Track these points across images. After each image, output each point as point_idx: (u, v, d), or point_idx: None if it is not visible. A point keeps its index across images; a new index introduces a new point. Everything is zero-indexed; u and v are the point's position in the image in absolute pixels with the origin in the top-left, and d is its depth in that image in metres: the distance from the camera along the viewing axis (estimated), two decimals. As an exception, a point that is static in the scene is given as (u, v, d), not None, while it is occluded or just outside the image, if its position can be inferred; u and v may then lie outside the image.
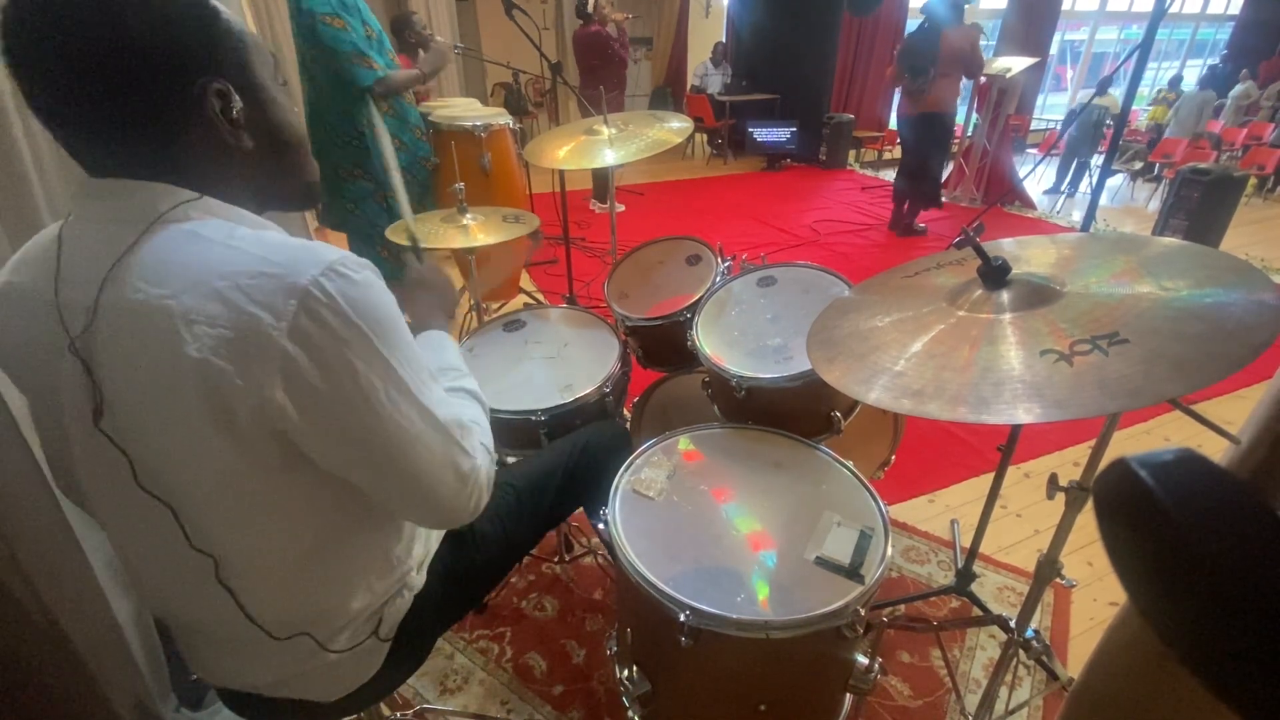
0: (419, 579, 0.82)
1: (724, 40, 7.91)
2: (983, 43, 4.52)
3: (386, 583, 0.77)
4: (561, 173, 2.18)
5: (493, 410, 1.24)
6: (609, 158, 1.65)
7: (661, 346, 1.50)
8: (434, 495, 0.66)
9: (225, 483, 0.59)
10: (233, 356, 0.52)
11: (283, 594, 0.68)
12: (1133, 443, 2.34)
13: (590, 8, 4.75)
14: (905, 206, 4.75)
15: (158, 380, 0.54)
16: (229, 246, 0.55)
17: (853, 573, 0.87)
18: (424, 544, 0.84)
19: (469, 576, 0.92)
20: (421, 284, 0.99)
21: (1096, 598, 1.65)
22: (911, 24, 7.67)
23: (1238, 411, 2.45)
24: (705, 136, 7.66)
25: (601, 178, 5.12)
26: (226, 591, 0.64)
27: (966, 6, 4.19)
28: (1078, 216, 5.41)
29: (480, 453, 0.72)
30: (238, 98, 0.58)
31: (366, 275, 0.58)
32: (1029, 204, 5.63)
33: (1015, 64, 5.03)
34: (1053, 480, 1.01)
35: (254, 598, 0.66)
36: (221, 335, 0.52)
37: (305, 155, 0.69)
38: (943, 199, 4.87)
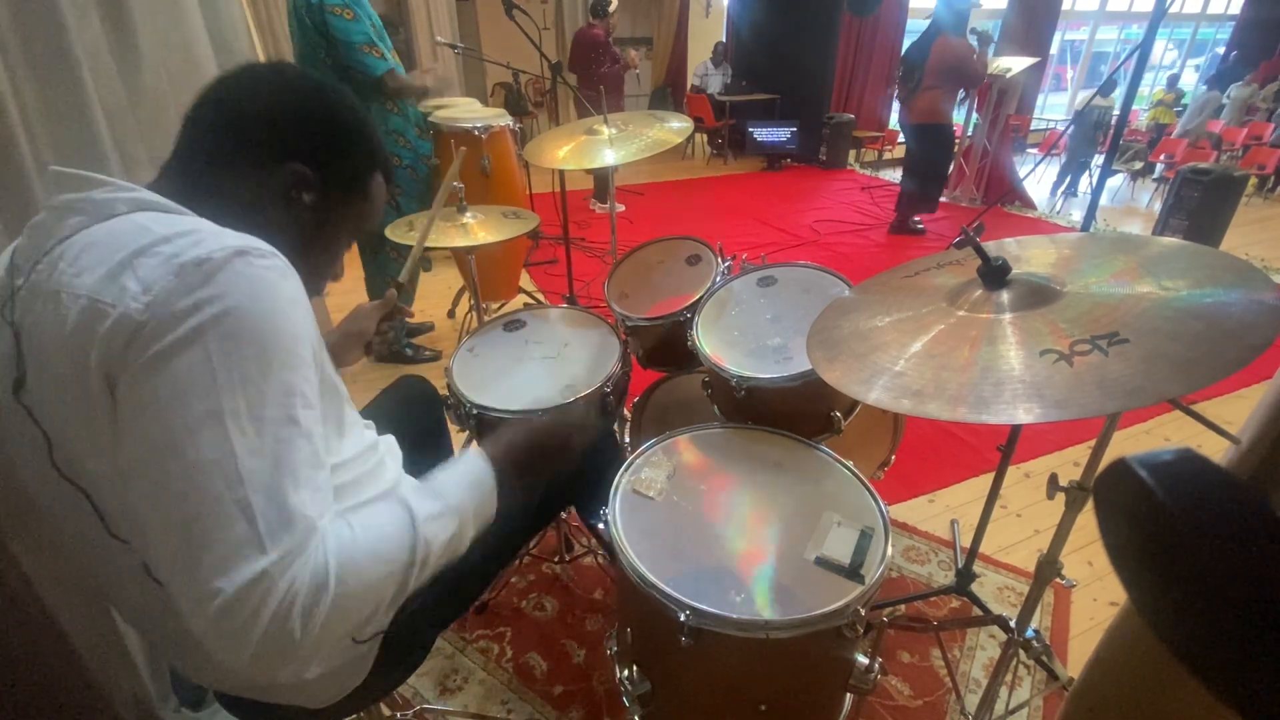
0: None
1: (724, 40, 7.91)
2: (990, 51, 4.48)
3: None
4: (561, 173, 2.18)
5: (493, 410, 1.25)
6: (609, 158, 1.65)
7: (662, 346, 1.50)
8: (185, 580, 0.48)
9: (125, 469, 0.51)
10: (98, 332, 0.49)
11: None
12: (1133, 443, 2.34)
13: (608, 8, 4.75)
14: (904, 208, 4.75)
15: (56, 357, 0.53)
16: (144, 228, 0.54)
17: (853, 573, 0.87)
18: None
19: (456, 578, 0.90)
20: (526, 442, 0.81)
21: (1096, 598, 1.65)
22: (912, 24, 7.68)
23: (1238, 411, 2.45)
24: (705, 136, 7.65)
25: (601, 178, 5.12)
26: (158, 585, 0.59)
27: (972, 13, 4.17)
28: (1078, 216, 5.41)
29: (298, 564, 0.49)
30: (314, 195, 0.67)
31: (263, 273, 0.52)
32: (1029, 204, 5.63)
33: (1015, 64, 5.03)
34: (1053, 480, 1.01)
35: None
36: (97, 309, 0.50)
37: (330, 265, 0.76)
38: (939, 201, 4.85)
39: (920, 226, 4.76)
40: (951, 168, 5.54)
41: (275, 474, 0.50)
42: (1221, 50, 9.63)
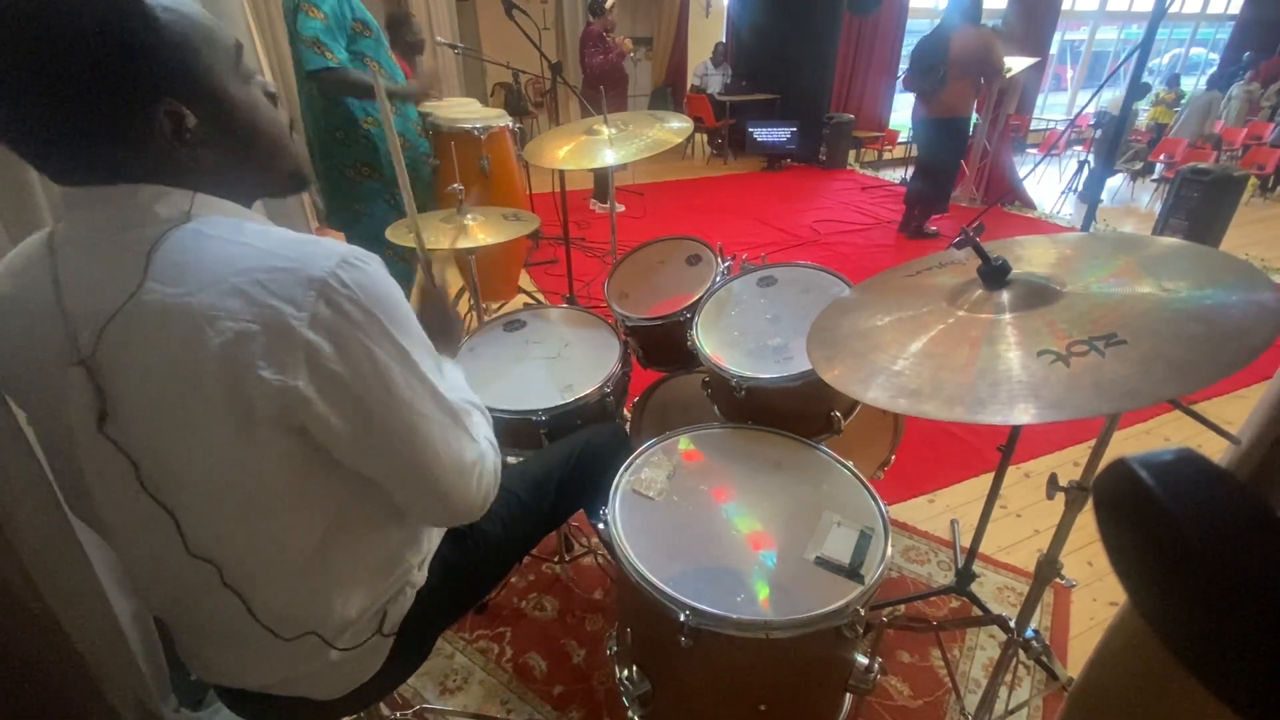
0: (421, 576, 0.83)
1: (724, 40, 7.91)
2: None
3: (390, 579, 0.77)
4: (561, 173, 2.18)
5: (493, 411, 1.24)
6: (609, 158, 1.65)
7: (662, 346, 1.50)
8: (443, 483, 0.67)
9: (235, 481, 0.59)
10: (257, 349, 0.53)
11: (289, 594, 0.68)
12: (1133, 443, 2.34)
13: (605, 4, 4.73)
14: (916, 210, 4.68)
15: (176, 378, 0.54)
16: (240, 244, 0.56)
17: (853, 573, 0.87)
18: (427, 541, 0.85)
19: (469, 574, 0.92)
20: (440, 326, 1.00)
21: (1096, 598, 1.65)
22: (912, 24, 7.67)
23: (1238, 411, 2.45)
24: (705, 136, 7.65)
25: (601, 178, 5.13)
26: (234, 594, 0.64)
27: (986, 6, 4.09)
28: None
29: (484, 442, 0.74)
30: (190, 114, 0.56)
31: (375, 266, 0.60)
32: (1029, 204, 5.62)
33: (1015, 64, 5.02)
34: (1053, 480, 1.01)
35: (261, 599, 0.66)
36: (245, 329, 0.53)
37: (281, 148, 0.66)
38: (949, 202, 4.78)
39: (934, 230, 4.68)
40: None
41: (453, 393, 0.69)
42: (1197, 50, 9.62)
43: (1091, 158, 6.08)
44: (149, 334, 0.54)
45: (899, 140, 7.63)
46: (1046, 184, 6.38)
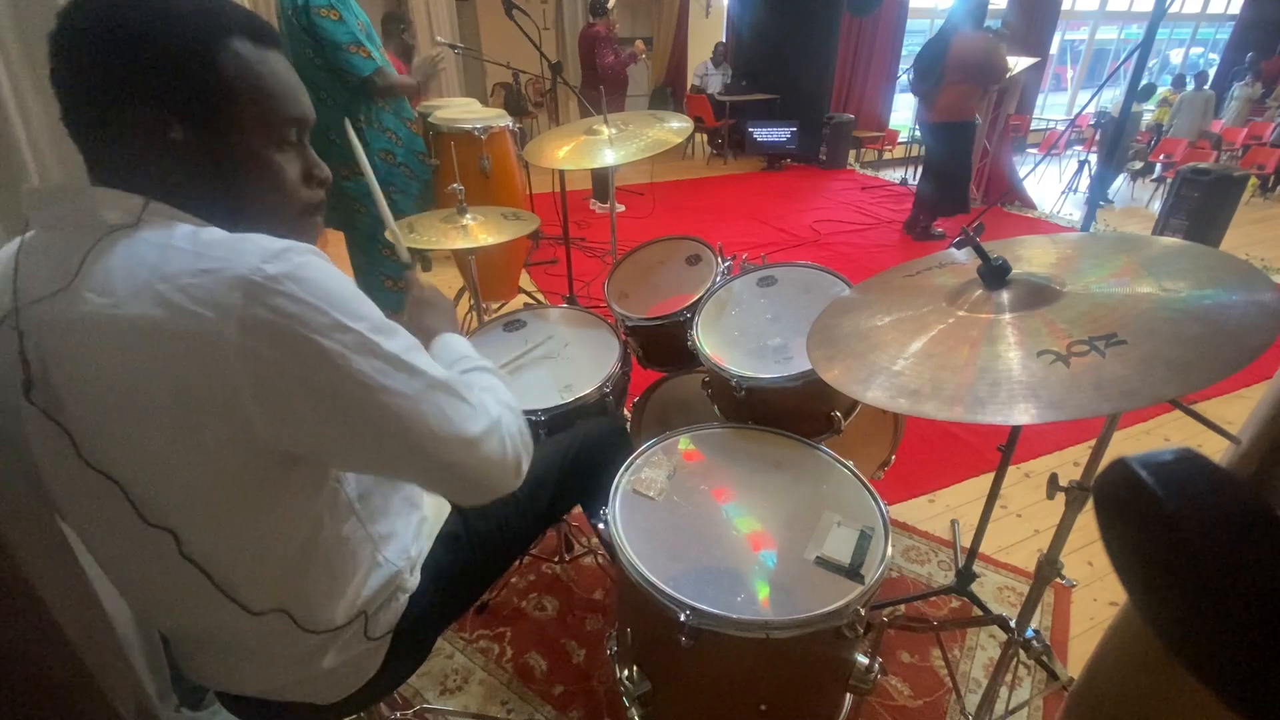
0: (413, 580, 0.82)
1: (724, 40, 7.91)
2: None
3: (379, 586, 0.76)
4: (561, 173, 2.18)
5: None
6: (609, 158, 1.65)
7: (661, 346, 1.50)
8: (454, 459, 0.62)
9: (206, 491, 0.57)
10: (189, 359, 0.51)
11: (276, 600, 0.67)
12: (1133, 443, 2.34)
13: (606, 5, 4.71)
14: (923, 212, 4.65)
15: (119, 394, 0.52)
16: (168, 247, 0.53)
17: (853, 573, 0.87)
18: (416, 545, 0.84)
19: (465, 575, 0.92)
20: (423, 303, 0.96)
21: (1096, 598, 1.65)
22: (912, 24, 7.67)
23: (1238, 411, 2.45)
24: (705, 136, 7.65)
25: (601, 178, 5.12)
26: (227, 599, 0.63)
27: (989, 8, 4.06)
28: (1078, 216, 5.41)
29: (496, 408, 0.67)
30: (178, 127, 0.57)
31: (310, 256, 0.56)
32: (1029, 204, 5.62)
33: (1015, 64, 5.02)
34: (1053, 480, 1.01)
35: (224, 571, 0.64)
36: (172, 338, 0.51)
37: (262, 216, 0.63)
38: (968, 202, 4.68)
39: (940, 231, 4.66)
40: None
41: (440, 369, 0.63)
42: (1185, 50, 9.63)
43: (1093, 159, 6.08)
44: (87, 348, 0.52)
45: (899, 140, 7.63)
46: (1047, 184, 6.38)
